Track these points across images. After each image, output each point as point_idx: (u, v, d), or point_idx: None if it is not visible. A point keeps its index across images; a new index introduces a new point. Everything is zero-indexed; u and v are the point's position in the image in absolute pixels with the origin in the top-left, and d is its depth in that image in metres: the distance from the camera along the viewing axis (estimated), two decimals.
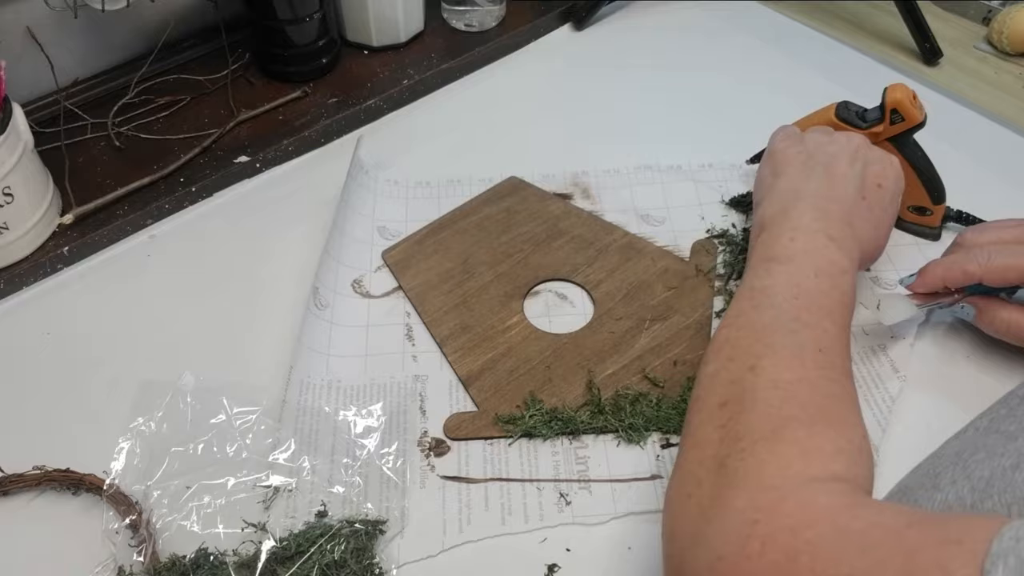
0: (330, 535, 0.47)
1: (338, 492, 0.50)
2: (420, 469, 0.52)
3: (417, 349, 0.59)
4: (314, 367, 0.56)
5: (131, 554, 0.47)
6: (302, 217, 0.68)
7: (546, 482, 0.51)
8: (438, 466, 0.52)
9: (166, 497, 0.50)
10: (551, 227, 0.66)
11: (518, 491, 0.51)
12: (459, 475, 0.52)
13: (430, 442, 0.53)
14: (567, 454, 0.53)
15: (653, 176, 0.72)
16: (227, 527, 0.48)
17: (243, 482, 0.51)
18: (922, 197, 0.64)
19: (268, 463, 0.51)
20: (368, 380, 0.56)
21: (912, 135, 0.62)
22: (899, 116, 0.61)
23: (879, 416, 0.54)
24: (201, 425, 0.53)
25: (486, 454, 0.53)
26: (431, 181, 0.71)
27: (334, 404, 0.55)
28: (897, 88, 0.61)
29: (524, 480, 0.51)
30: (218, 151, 0.72)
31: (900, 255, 0.64)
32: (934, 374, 0.57)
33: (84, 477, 0.50)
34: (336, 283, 0.62)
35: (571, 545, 0.48)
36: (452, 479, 0.51)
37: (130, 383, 0.56)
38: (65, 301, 0.62)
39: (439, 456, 0.53)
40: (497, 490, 0.51)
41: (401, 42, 0.83)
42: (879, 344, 0.58)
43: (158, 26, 0.78)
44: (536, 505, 0.50)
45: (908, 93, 0.61)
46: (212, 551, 0.47)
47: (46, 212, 0.63)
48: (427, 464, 0.52)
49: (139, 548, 0.47)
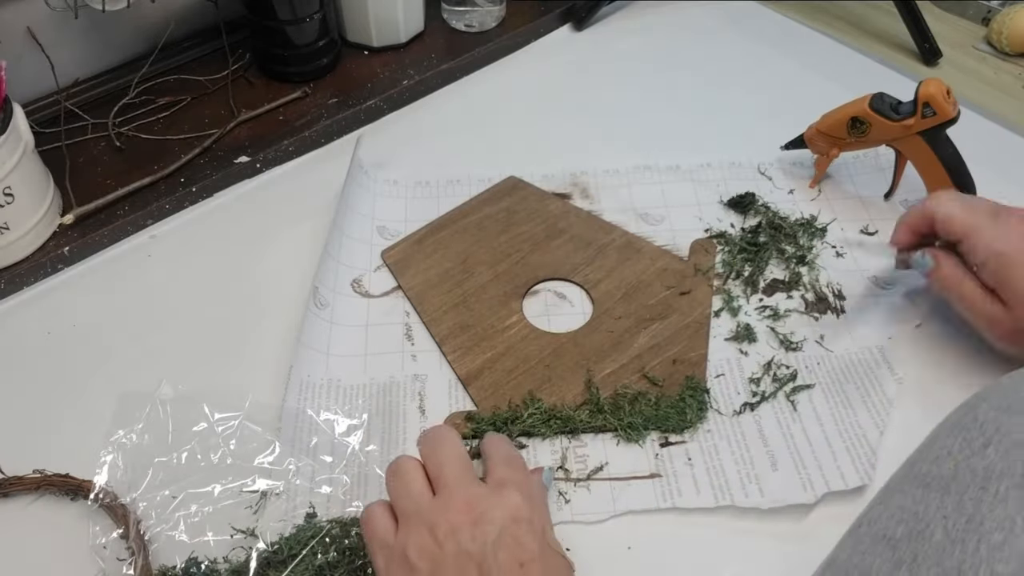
0: (320, 536, 0.47)
1: (325, 492, 0.50)
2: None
3: (416, 348, 0.59)
4: (314, 367, 0.56)
5: (120, 567, 0.47)
6: (302, 217, 0.68)
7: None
8: None
9: (152, 508, 0.49)
10: (550, 227, 0.66)
11: None
12: None
13: None
14: (566, 453, 0.53)
15: (652, 176, 0.72)
16: (216, 535, 0.48)
17: (229, 488, 0.50)
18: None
19: (254, 467, 0.51)
20: (368, 379, 0.57)
21: (944, 131, 0.62)
22: (931, 110, 0.61)
23: (876, 418, 0.54)
24: (183, 434, 0.53)
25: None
26: (431, 181, 0.71)
27: (316, 404, 0.55)
28: (931, 83, 0.61)
29: None
30: (218, 151, 0.72)
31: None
32: (931, 377, 0.57)
33: (83, 483, 0.50)
34: (336, 283, 0.62)
35: (571, 544, 0.48)
36: None
37: (130, 383, 0.56)
38: (66, 301, 0.62)
39: None
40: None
41: (401, 42, 0.83)
42: (877, 346, 0.58)
43: (158, 26, 0.78)
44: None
45: (942, 88, 0.61)
46: (202, 560, 0.47)
47: (47, 212, 0.63)
48: None
49: (130, 561, 0.47)
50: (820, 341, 0.59)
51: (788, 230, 0.66)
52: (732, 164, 0.72)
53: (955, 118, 0.61)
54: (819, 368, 0.57)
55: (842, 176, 0.71)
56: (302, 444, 0.52)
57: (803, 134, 0.69)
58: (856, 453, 0.52)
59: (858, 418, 0.54)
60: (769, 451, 0.52)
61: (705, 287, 0.62)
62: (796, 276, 0.63)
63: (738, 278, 0.63)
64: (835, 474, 0.51)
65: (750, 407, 0.55)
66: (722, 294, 0.62)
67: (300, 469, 0.51)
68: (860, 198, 0.70)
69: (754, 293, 0.62)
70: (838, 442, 0.53)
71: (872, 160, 0.72)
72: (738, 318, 0.60)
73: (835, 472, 0.51)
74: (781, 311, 0.61)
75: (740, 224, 0.67)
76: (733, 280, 0.63)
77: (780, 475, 0.51)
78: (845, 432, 0.53)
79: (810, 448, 0.52)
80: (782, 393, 0.56)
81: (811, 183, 0.70)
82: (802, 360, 0.58)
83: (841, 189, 0.70)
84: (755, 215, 0.68)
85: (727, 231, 0.66)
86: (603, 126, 0.77)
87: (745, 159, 0.73)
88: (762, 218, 0.67)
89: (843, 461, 0.52)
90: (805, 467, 0.51)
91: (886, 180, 0.69)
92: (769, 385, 0.56)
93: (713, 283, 0.62)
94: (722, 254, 0.64)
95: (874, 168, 0.72)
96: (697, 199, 0.70)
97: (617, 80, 0.83)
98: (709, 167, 0.72)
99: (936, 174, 0.64)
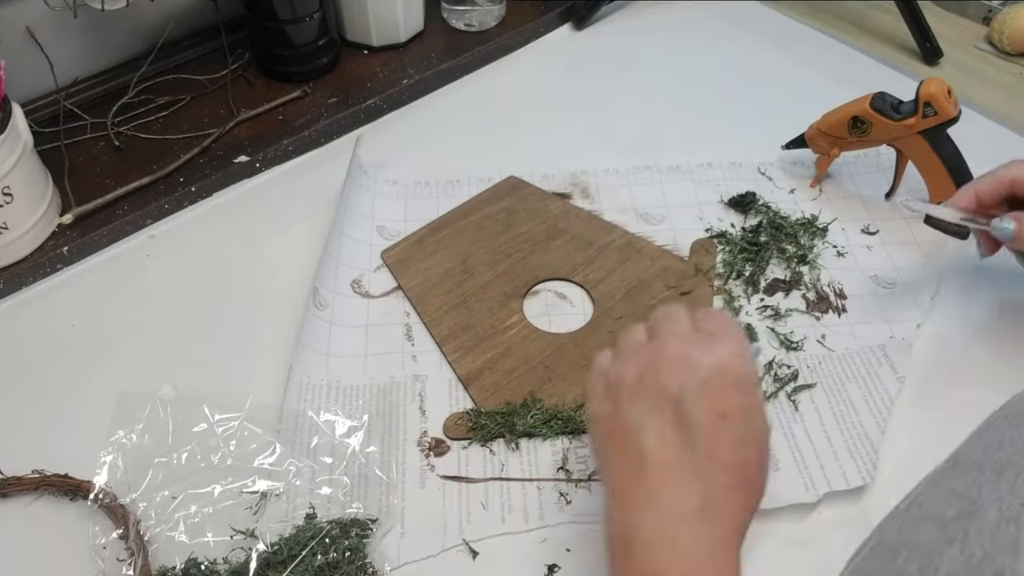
0: (320, 537, 0.47)
1: (325, 493, 0.50)
2: (420, 469, 0.52)
3: (417, 349, 0.59)
4: (314, 367, 0.56)
5: (120, 568, 0.46)
6: (302, 217, 0.68)
7: (546, 481, 0.51)
8: (438, 466, 0.52)
9: (152, 509, 0.49)
10: (550, 227, 0.66)
11: (518, 491, 0.51)
12: (459, 475, 0.52)
13: (430, 442, 0.53)
14: (567, 454, 0.53)
15: (652, 176, 0.72)
16: (216, 535, 0.48)
17: (229, 489, 0.50)
18: (952, 192, 0.64)
19: (254, 468, 0.51)
20: (368, 380, 0.56)
21: (945, 130, 0.62)
22: (932, 110, 0.61)
23: (878, 417, 0.54)
24: (183, 434, 0.53)
25: (486, 454, 0.53)
26: (430, 181, 0.71)
27: (317, 405, 0.54)
28: (932, 82, 0.61)
29: (524, 480, 0.51)
30: (218, 151, 0.72)
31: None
32: (933, 376, 0.56)
33: (82, 483, 0.50)
34: (335, 283, 0.62)
35: (571, 545, 0.48)
36: (452, 479, 0.51)
37: (129, 383, 0.56)
38: (65, 301, 0.62)
39: (439, 456, 0.53)
40: (497, 490, 0.51)
41: (401, 42, 0.83)
42: (878, 345, 0.58)
43: (158, 26, 0.78)
44: (536, 504, 0.50)
45: (943, 87, 0.60)
46: (202, 560, 0.47)
47: (45, 212, 0.63)
48: (427, 464, 0.52)
49: (129, 561, 0.47)
50: (821, 340, 0.59)
51: (789, 230, 0.66)
52: (732, 164, 0.72)
53: (956, 117, 0.61)
54: (820, 368, 0.57)
55: (843, 175, 0.71)
56: (302, 445, 0.52)
57: (804, 134, 0.69)
58: (858, 452, 0.52)
59: (860, 417, 0.54)
60: (770, 451, 0.52)
61: (706, 287, 0.62)
62: (797, 275, 0.63)
63: (739, 278, 0.63)
64: (837, 473, 0.51)
65: None
66: (723, 294, 0.62)
67: (300, 470, 0.51)
68: (860, 197, 0.69)
69: (755, 293, 0.62)
70: (840, 441, 0.53)
71: (873, 160, 0.72)
72: (739, 318, 0.60)
73: (837, 471, 0.51)
74: (782, 311, 0.60)
75: (741, 224, 0.67)
76: (734, 280, 0.63)
77: (782, 475, 0.51)
78: (847, 431, 0.53)
79: (812, 448, 0.52)
80: (783, 393, 0.55)
81: (812, 182, 0.70)
82: (804, 360, 0.57)
83: (842, 188, 0.70)
84: (756, 215, 0.67)
85: (728, 231, 0.66)
86: (603, 125, 0.77)
87: (745, 159, 0.73)
88: (763, 218, 0.67)
89: (845, 460, 0.51)
90: (807, 467, 0.51)
91: (887, 180, 0.69)
92: (771, 385, 0.56)
93: (714, 283, 0.62)
94: (723, 254, 0.64)
95: (875, 168, 0.72)
96: (697, 199, 0.69)
97: (617, 79, 0.83)
98: (710, 167, 0.72)
99: (937, 173, 0.63)
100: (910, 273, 0.63)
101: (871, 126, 0.64)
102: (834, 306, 0.61)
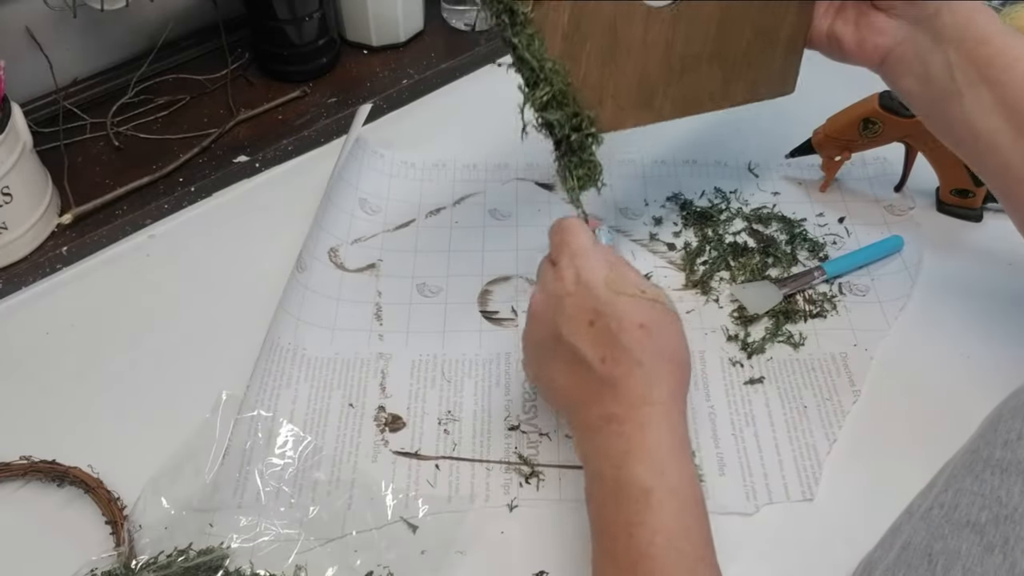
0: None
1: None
2: (373, 444, 0.53)
3: (385, 328, 0.60)
4: (284, 329, 0.57)
5: (105, 552, 0.47)
6: (301, 216, 0.68)
7: (495, 464, 0.52)
8: (392, 441, 0.53)
9: (141, 497, 0.50)
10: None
11: (467, 471, 0.52)
12: (411, 451, 0.53)
13: (386, 418, 0.54)
14: (519, 438, 0.53)
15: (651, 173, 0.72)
16: (199, 525, 0.49)
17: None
18: (964, 179, 0.64)
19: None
20: (332, 354, 0.57)
21: None
22: None
23: (828, 430, 0.53)
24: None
25: (439, 433, 0.54)
26: (416, 163, 0.73)
27: (282, 372, 0.56)
28: None
29: (475, 460, 0.52)
30: (217, 151, 0.72)
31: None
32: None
33: (69, 470, 0.50)
34: (316, 247, 0.63)
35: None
36: (404, 455, 0.52)
37: (129, 382, 0.56)
38: (64, 301, 0.62)
39: (394, 432, 0.54)
40: (447, 468, 0.52)
41: (401, 41, 0.83)
42: (840, 352, 0.58)
43: (157, 25, 0.78)
44: (483, 486, 0.51)
45: None
46: (185, 546, 0.47)
47: (45, 212, 0.63)
48: (381, 439, 0.53)
49: (115, 546, 0.47)
50: (786, 341, 0.59)
51: (768, 232, 0.66)
52: (717, 163, 0.73)
53: None
54: (781, 370, 0.57)
55: (843, 175, 0.71)
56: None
57: (810, 140, 0.69)
58: (803, 464, 0.52)
59: (811, 426, 0.54)
60: (719, 453, 0.52)
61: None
62: (770, 277, 0.62)
63: (712, 277, 0.63)
64: (779, 485, 0.51)
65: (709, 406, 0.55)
66: (700, 287, 0.62)
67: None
68: (856, 194, 0.69)
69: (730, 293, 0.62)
70: (787, 451, 0.52)
71: (874, 159, 0.72)
72: (713, 317, 0.60)
73: (780, 483, 0.51)
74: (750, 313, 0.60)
75: (717, 230, 0.67)
76: (709, 279, 0.63)
77: (727, 480, 0.51)
78: (796, 440, 0.53)
79: (759, 453, 0.52)
80: (738, 383, 0.56)
81: (822, 187, 0.70)
82: (764, 362, 0.57)
83: (843, 188, 0.70)
84: (737, 216, 0.67)
85: (708, 234, 0.66)
86: None
87: (732, 160, 0.73)
88: (744, 219, 0.67)
89: (789, 472, 0.51)
90: (751, 474, 0.51)
91: (887, 179, 0.69)
92: (732, 380, 0.56)
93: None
94: (706, 254, 0.64)
95: (876, 169, 0.71)
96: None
97: None
98: (694, 164, 0.73)
99: (952, 164, 0.63)
100: (883, 280, 0.63)
101: (882, 126, 0.64)
102: (801, 310, 0.61)
